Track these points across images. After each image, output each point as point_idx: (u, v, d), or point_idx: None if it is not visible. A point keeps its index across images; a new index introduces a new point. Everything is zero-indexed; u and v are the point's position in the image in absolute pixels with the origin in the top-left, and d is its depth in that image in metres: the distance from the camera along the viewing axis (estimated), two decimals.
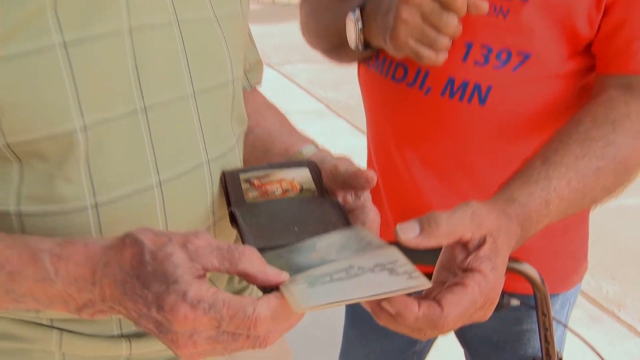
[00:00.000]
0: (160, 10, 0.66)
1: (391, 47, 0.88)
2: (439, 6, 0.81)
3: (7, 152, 0.60)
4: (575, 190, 0.79)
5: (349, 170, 0.69)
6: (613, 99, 0.87)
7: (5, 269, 0.56)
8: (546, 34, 0.88)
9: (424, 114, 0.97)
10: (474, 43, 0.91)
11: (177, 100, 0.68)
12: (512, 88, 0.91)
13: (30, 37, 0.57)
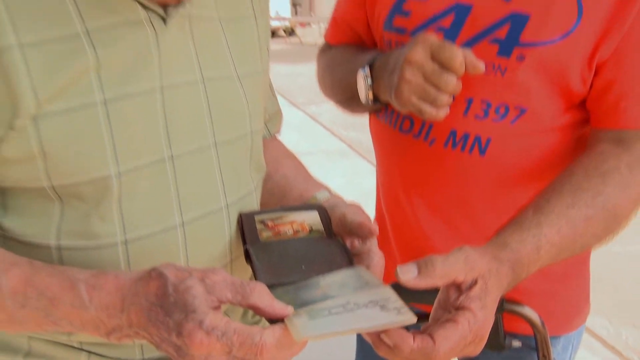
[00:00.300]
0: (188, 70, 0.75)
1: (396, 103, 0.95)
2: (439, 67, 0.89)
3: (51, 192, 0.68)
4: (566, 237, 0.85)
5: (355, 221, 0.76)
6: (604, 152, 0.93)
7: (46, 295, 0.64)
8: (541, 90, 0.95)
9: (428, 162, 1.03)
10: (474, 98, 0.97)
11: (200, 150, 0.76)
12: (510, 140, 0.97)
13: (76, 95, 0.65)
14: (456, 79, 0.89)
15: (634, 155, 0.92)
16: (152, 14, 0.70)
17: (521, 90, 0.95)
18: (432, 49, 0.89)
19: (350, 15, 1.19)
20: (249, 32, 0.86)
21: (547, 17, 0.92)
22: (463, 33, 0.98)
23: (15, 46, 0.62)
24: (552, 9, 0.92)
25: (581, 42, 0.91)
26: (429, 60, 0.89)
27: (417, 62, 0.89)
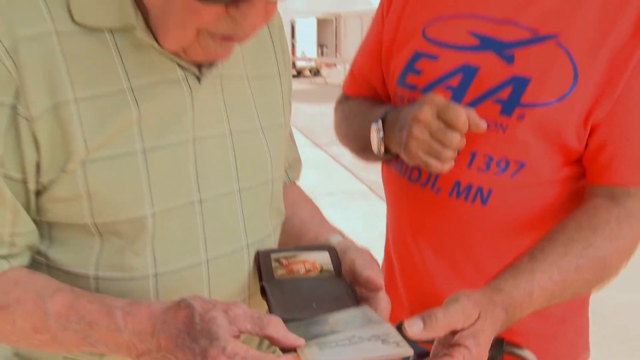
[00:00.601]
0: (218, 124, 0.85)
1: (405, 157, 1.04)
2: (444, 125, 0.97)
3: (92, 229, 0.78)
4: (557, 284, 0.92)
5: (363, 275, 0.83)
6: (597, 206, 1.00)
7: (86, 319, 0.72)
8: (540, 147, 1.02)
9: (435, 210, 1.11)
10: (477, 152, 1.05)
11: (225, 195, 0.86)
12: (511, 192, 1.05)
13: (120, 144, 0.75)
14: (460, 136, 0.97)
15: (624, 210, 0.99)
16: (188, 73, 0.80)
17: (521, 147, 1.03)
18: (439, 108, 0.98)
19: (367, 70, 1.29)
20: (273, 88, 0.96)
21: (545, 80, 1.01)
22: (470, 92, 1.06)
23: (72, 101, 0.72)
24: (550, 74, 1.01)
25: (577, 105, 0.99)
26: (435, 119, 0.98)
27: (424, 121, 0.98)
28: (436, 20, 1.13)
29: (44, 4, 0.72)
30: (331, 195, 5.76)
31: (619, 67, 0.98)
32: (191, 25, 0.70)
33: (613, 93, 0.99)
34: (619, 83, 0.98)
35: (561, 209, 1.06)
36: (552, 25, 1.02)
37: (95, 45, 0.74)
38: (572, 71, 1.00)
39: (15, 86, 0.70)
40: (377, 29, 1.26)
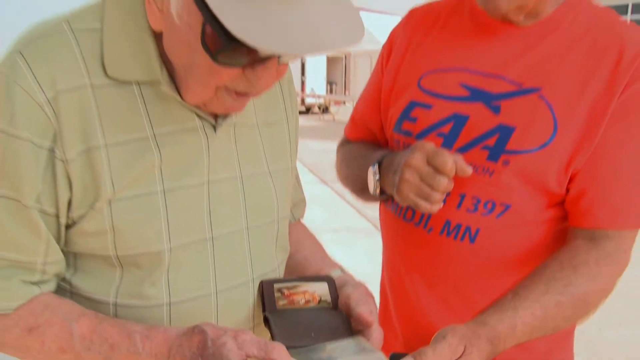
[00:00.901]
0: (230, 168, 0.94)
1: (398, 198, 1.12)
2: (433, 170, 1.06)
3: (114, 260, 0.86)
4: (538, 319, 1.00)
5: (355, 311, 0.90)
6: (578, 247, 1.08)
7: (108, 342, 0.81)
8: (523, 190, 1.11)
9: (427, 247, 1.19)
10: (466, 194, 1.14)
11: (235, 233, 0.94)
12: (497, 231, 1.13)
13: (142, 185, 0.85)
14: (447, 180, 1.06)
15: (602, 251, 1.07)
16: (205, 123, 0.89)
17: (506, 190, 1.11)
18: (428, 155, 1.06)
19: (368, 116, 1.39)
20: (281, 134, 1.05)
21: (528, 129, 1.10)
22: (460, 139, 1.15)
23: (102, 146, 0.82)
24: (532, 123, 1.10)
25: (557, 153, 1.08)
26: (424, 164, 1.06)
27: (415, 166, 1.07)
28: (431, 72, 1.23)
29: (82, 59, 0.82)
30: (335, 231, 5.81)
31: (596, 119, 1.07)
32: (211, 84, 0.80)
33: (591, 143, 1.07)
34: (597, 134, 1.07)
35: (546, 248, 1.14)
36: (535, 79, 1.12)
37: (124, 96, 0.84)
38: (552, 122, 1.09)
39: (54, 131, 0.80)
40: (377, 79, 1.37)
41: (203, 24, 0.72)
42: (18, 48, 0.80)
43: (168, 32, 0.80)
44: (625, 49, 1.09)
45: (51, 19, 0.85)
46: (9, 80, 0.78)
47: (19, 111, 0.78)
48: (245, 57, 0.75)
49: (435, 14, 1.29)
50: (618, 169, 1.08)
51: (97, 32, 0.83)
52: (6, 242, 0.81)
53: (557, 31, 1.14)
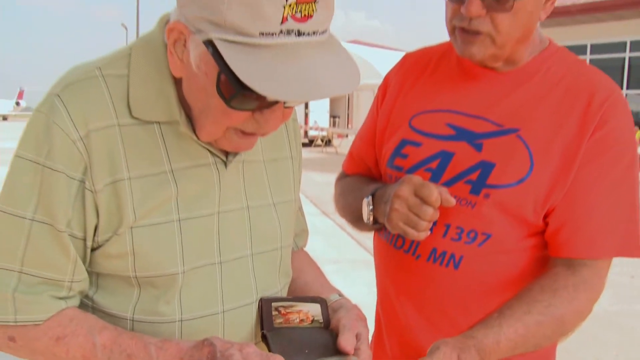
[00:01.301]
0: (238, 200, 1.04)
1: (388, 226, 1.23)
2: (420, 201, 1.17)
3: (133, 280, 0.97)
4: (520, 336, 1.12)
5: (340, 336, 0.99)
6: (557, 273, 1.20)
7: (127, 352, 0.91)
8: (503, 221, 1.22)
9: (415, 273, 1.29)
10: (451, 224, 1.24)
11: (241, 258, 1.05)
12: (479, 258, 1.23)
13: (160, 215, 0.95)
14: (432, 210, 1.17)
15: (580, 277, 1.19)
16: (217, 159, 1.00)
17: (487, 221, 1.22)
18: (415, 187, 1.18)
19: (364, 152, 1.51)
20: (285, 169, 1.16)
21: (507, 166, 1.21)
22: (446, 174, 1.27)
23: (126, 179, 0.93)
24: (511, 161, 1.21)
25: (533, 188, 1.20)
26: (412, 195, 1.18)
27: (403, 197, 1.18)
28: (421, 113, 1.35)
29: (110, 102, 0.94)
30: (336, 262, 5.89)
31: (569, 158, 1.19)
32: (223, 124, 0.92)
33: (566, 180, 1.19)
34: (571, 172, 1.19)
35: (525, 274, 1.24)
36: (514, 121, 1.24)
37: (147, 134, 0.96)
38: (529, 160, 1.21)
39: (85, 165, 0.91)
40: (372, 118, 1.49)
41: (218, 74, 0.84)
42: (56, 91, 0.93)
43: (187, 78, 0.92)
44: (595, 95, 1.21)
45: (84, 65, 0.98)
46: (49, 119, 0.90)
47: (56, 147, 0.90)
48: (255, 103, 0.86)
49: (427, 60, 1.42)
50: (592, 205, 1.20)
51: (124, 77, 0.95)
52: (40, 262, 0.92)
53: (534, 77, 1.27)
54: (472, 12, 1.16)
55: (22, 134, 0.93)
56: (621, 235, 1.21)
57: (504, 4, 1.15)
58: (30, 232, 0.91)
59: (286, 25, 0.79)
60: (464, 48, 1.23)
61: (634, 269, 6.06)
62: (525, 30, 1.21)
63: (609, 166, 1.20)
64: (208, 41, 0.83)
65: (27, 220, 0.91)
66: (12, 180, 0.92)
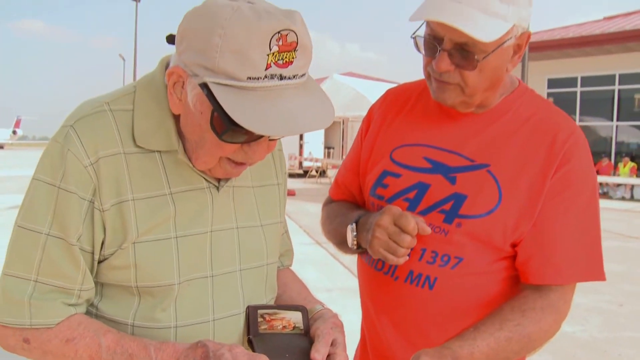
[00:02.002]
0: (228, 221, 1.16)
1: (370, 252, 1.34)
2: (398, 230, 1.28)
3: (134, 290, 1.07)
4: (492, 350, 1.23)
5: (315, 341, 1.10)
6: (527, 296, 1.31)
7: (128, 352, 1.01)
8: (474, 246, 1.32)
9: (394, 293, 1.39)
10: (426, 249, 1.35)
11: (230, 273, 1.16)
12: (452, 279, 1.34)
13: (160, 232, 1.07)
14: (410, 238, 1.28)
15: (547, 300, 1.30)
16: (210, 184, 1.13)
17: (459, 246, 1.33)
18: (395, 217, 1.29)
19: (348, 179, 1.62)
20: (272, 195, 1.28)
21: (477, 198, 1.33)
22: (422, 204, 1.38)
23: (130, 200, 1.05)
24: (481, 193, 1.33)
25: (501, 218, 1.31)
26: (392, 224, 1.29)
27: (384, 226, 1.30)
28: (401, 147, 1.46)
29: (117, 133, 1.06)
30: (329, 291, 5.95)
31: (535, 194, 1.31)
32: (216, 155, 1.04)
33: (532, 212, 1.31)
34: (537, 205, 1.31)
35: (494, 294, 1.35)
36: (485, 157, 1.36)
37: (149, 161, 1.08)
38: (497, 193, 1.32)
39: (94, 187, 1.03)
40: (356, 149, 1.61)
41: (212, 112, 0.97)
42: (70, 123, 1.06)
43: (184, 115, 1.05)
44: (557, 135, 1.34)
45: (94, 100, 1.10)
46: (63, 148, 1.03)
47: (70, 171, 1.02)
48: (243, 137, 1.00)
49: (407, 96, 1.55)
50: (558, 236, 1.31)
51: (129, 112, 1.09)
52: (54, 272, 1.04)
53: (504, 116, 1.39)
54: (442, 68, 1.28)
55: (40, 160, 1.06)
56: (585, 262, 1.33)
57: (469, 63, 1.27)
58: (45, 246, 1.03)
59: (270, 70, 0.93)
60: (437, 94, 1.35)
61: (623, 297, 6.15)
62: (493, 82, 1.33)
63: (572, 200, 1.32)
64: (203, 84, 0.95)
65: (43, 235, 1.03)
66: (31, 200, 1.04)
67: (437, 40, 1.28)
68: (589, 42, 16.07)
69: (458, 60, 1.27)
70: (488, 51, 1.26)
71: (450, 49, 1.27)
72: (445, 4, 1.23)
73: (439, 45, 1.27)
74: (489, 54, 1.26)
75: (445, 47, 1.27)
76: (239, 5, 0.94)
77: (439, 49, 1.27)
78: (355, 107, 18.25)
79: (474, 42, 1.23)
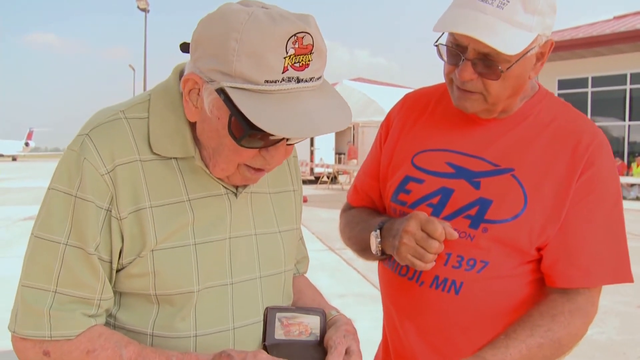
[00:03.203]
0: (247, 227, 1.15)
1: (397, 258, 1.32)
2: (426, 235, 1.27)
3: (153, 298, 1.07)
4: (525, 357, 1.23)
5: (329, 352, 1.09)
6: (555, 300, 1.30)
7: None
8: (500, 251, 1.31)
9: (418, 298, 1.38)
10: (452, 253, 1.33)
11: (250, 280, 1.15)
12: (478, 284, 1.32)
13: (178, 239, 1.06)
14: (438, 243, 1.26)
15: (575, 304, 1.29)
16: (229, 191, 1.12)
17: (485, 250, 1.32)
18: (422, 223, 1.28)
19: (368, 185, 1.61)
20: (288, 200, 1.28)
21: (503, 203, 1.31)
22: (446, 209, 1.36)
23: (148, 207, 1.04)
24: (506, 198, 1.31)
25: (527, 223, 1.29)
26: (419, 230, 1.28)
27: (411, 232, 1.28)
28: (422, 152, 1.45)
29: (133, 140, 1.06)
30: (342, 297, 5.92)
31: (561, 198, 1.30)
32: (234, 161, 1.04)
33: (558, 218, 1.29)
34: (562, 210, 1.29)
35: (520, 297, 1.34)
36: (509, 161, 1.34)
37: (166, 168, 1.07)
38: (522, 197, 1.31)
39: (111, 195, 1.02)
40: (375, 154, 1.59)
41: (230, 117, 0.97)
42: (86, 132, 1.05)
43: (201, 122, 1.04)
44: (581, 139, 1.33)
45: (109, 109, 1.10)
46: (80, 156, 1.02)
47: (86, 180, 1.01)
48: (261, 141, 0.99)
49: (426, 100, 1.53)
50: (584, 239, 1.30)
51: (144, 119, 1.08)
52: (73, 282, 1.02)
53: (526, 120, 1.38)
54: (465, 77, 1.27)
55: (56, 169, 1.05)
56: (612, 264, 1.32)
57: (492, 72, 1.26)
58: (64, 255, 1.02)
59: (287, 73, 0.92)
60: (459, 102, 1.34)
61: None
62: (515, 89, 1.32)
63: (597, 203, 1.31)
64: (220, 89, 0.95)
65: (61, 245, 1.02)
66: (48, 210, 1.03)
67: (461, 49, 1.27)
68: (601, 42, 15.96)
69: (481, 69, 1.26)
70: (512, 61, 1.25)
71: (473, 58, 1.26)
72: (469, 15, 1.22)
73: (463, 54, 1.27)
74: (513, 64, 1.25)
75: (469, 56, 1.26)
76: (254, 11, 0.94)
77: (462, 58, 1.27)
78: (366, 112, 18.26)
79: (497, 53, 1.22)
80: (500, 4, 1.21)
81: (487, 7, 1.21)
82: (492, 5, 1.21)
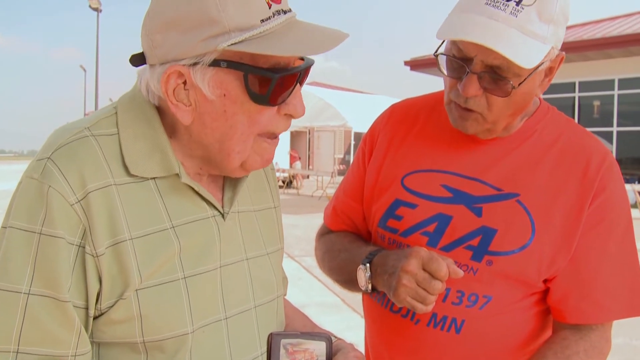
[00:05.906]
0: (238, 252, 1.02)
1: (394, 300, 1.15)
2: (428, 275, 1.10)
3: (140, 347, 0.91)
4: None
5: None
6: (566, 338, 1.18)
7: None
8: (504, 284, 1.18)
9: (414, 338, 1.24)
10: (451, 288, 1.19)
11: (245, 311, 1.02)
12: (480, 321, 1.19)
13: (166, 273, 0.91)
14: (442, 284, 1.10)
15: (589, 342, 1.17)
16: (215, 212, 0.98)
17: (488, 284, 1.19)
18: (423, 261, 1.11)
19: (349, 207, 1.45)
20: (271, 219, 1.15)
21: (509, 232, 1.18)
22: (444, 239, 1.22)
23: (128, 239, 0.88)
24: (512, 227, 1.18)
25: (535, 254, 1.17)
26: (421, 270, 1.11)
27: (412, 272, 1.11)
28: (413, 173, 1.30)
29: (104, 161, 0.89)
30: (305, 307, 5.77)
31: (572, 226, 1.18)
32: (251, 135, 0.92)
33: (570, 248, 1.17)
34: (574, 240, 1.17)
35: (525, 331, 1.22)
36: (514, 185, 1.21)
37: (143, 191, 0.92)
38: (530, 226, 1.18)
39: (84, 229, 0.86)
40: (358, 173, 1.43)
41: (244, 77, 0.88)
42: (46, 155, 0.88)
43: (199, 117, 0.91)
44: (590, 161, 1.20)
45: (71, 126, 0.93)
46: (43, 185, 0.85)
47: (53, 212, 0.84)
48: (282, 86, 0.91)
49: (415, 113, 1.38)
50: (597, 271, 1.18)
51: (114, 136, 0.92)
52: (40, 338, 0.85)
53: (528, 141, 1.25)
54: (469, 92, 1.12)
55: (11, 203, 0.88)
56: (627, 296, 1.20)
57: (500, 88, 1.12)
58: (26, 307, 0.84)
59: (273, 8, 0.89)
60: (458, 122, 1.20)
61: None
62: (520, 108, 1.19)
63: (609, 231, 1.20)
64: (216, 60, 0.87)
65: (22, 295, 0.84)
66: (4, 253, 0.85)
67: (466, 61, 1.12)
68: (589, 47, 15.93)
69: (487, 84, 1.12)
70: (523, 76, 1.10)
71: (480, 71, 1.11)
72: (479, 22, 1.07)
73: (468, 66, 1.11)
74: (524, 79, 1.11)
75: (475, 69, 1.11)
76: None
77: (467, 70, 1.11)
78: (322, 117, 18.17)
79: (508, 66, 1.08)
80: (514, 10, 1.06)
81: (500, 13, 1.06)
82: (505, 11, 1.06)
